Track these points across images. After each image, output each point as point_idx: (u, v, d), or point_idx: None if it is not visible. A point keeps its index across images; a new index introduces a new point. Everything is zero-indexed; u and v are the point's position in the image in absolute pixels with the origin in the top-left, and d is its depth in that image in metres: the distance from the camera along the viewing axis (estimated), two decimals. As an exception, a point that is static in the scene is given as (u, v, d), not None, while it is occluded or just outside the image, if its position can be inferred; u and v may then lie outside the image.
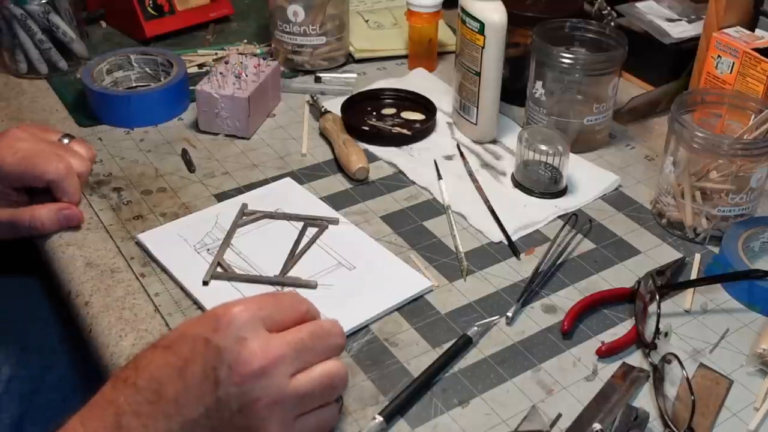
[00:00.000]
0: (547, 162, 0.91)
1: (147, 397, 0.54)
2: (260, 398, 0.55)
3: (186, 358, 0.55)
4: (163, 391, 0.54)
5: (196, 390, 0.54)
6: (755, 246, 0.84)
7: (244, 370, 0.54)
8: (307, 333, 0.58)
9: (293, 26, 1.13)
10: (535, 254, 0.84)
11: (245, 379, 0.54)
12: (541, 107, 1.00)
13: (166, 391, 0.54)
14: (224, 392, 0.54)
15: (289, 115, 1.07)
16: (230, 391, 0.54)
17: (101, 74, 1.07)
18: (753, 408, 0.67)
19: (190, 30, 1.28)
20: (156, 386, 0.55)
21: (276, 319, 0.58)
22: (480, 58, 0.96)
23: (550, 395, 0.68)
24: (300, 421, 0.58)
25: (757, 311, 0.77)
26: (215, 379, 0.54)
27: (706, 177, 0.84)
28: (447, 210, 0.90)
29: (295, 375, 0.57)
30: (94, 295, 0.77)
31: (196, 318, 0.59)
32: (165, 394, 0.54)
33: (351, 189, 0.93)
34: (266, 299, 0.60)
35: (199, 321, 0.58)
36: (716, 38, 0.97)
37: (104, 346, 0.72)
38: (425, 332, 0.74)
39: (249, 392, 0.54)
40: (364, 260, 0.81)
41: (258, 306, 0.58)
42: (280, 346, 0.56)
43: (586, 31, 1.02)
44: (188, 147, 0.99)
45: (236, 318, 0.56)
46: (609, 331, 0.75)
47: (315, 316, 0.62)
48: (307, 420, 0.58)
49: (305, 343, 0.57)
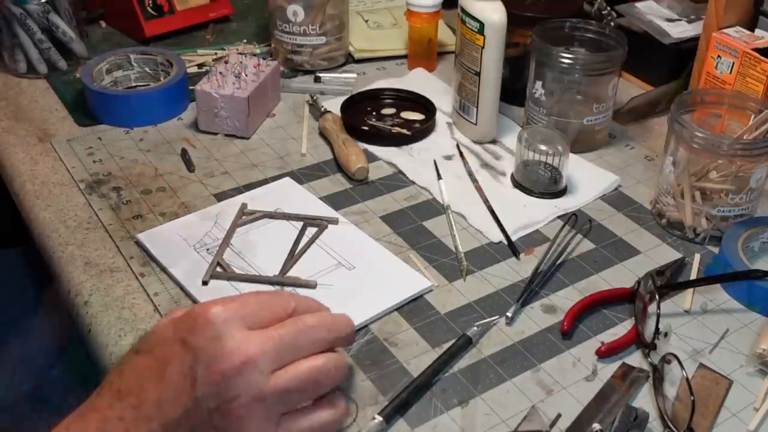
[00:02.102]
0: (546, 162, 0.91)
1: (130, 402, 0.54)
2: (238, 396, 0.54)
3: (165, 360, 0.55)
4: (144, 395, 0.54)
5: (175, 391, 0.54)
6: (755, 246, 0.84)
7: (220, 369, 0.53)
8: (289, 329, 0.57)
9: (293, 26, 1.13)
10: (535, 254, 0.84)
11: (222, 377, 0.53)
12: (540, 107, 1.00)
13: (147, 394, 0.54)
14: (201, 391, 0.53)
15: (288, 115, 1.07)
16: (207, 390, 0.53)
17: (101, 74, 1.07)
18: (753, 408, 0.67)
19: (189, 30, 1.28)
20: (138, 390, 0.54)
21: (259, 317, 0.57)
22: (480, 58, 0.96)
23: (550, 395, 0.68)
24: (288, 421, 0.57)
25: (757, 311, 0.77)
26: (192, 378, 0.54)
27: (706, 177, 0.84)
28: (447, 210, 0.90)
29: (276, 372, 0.56)
30: (94, 294, 0.77)
31: (176, 318, 0.58)
32: (146, 398, 0.54)
33: (350, 189, 0.93)
34: (248, 298, 0.59)
35: (178, 322, 0.57)
36: (716, 38, 0.97)
37: (104, 346, 0.72)
38: (425, 332, 0.74)
39: (226, 391, 0.54)
40: (363, 260, 0.81)
41: (239, 305, 0.57)
42: (259, 343, 0.55)
43: (586, 31, 1.02)
44: (188, 147, 0.99)
45: (214, 317, 0.55)
46: (609, 332, 0.75)
47: (308, 311, 0.60)
48: (297, 422, 0.57)
49: (285, 339, 0.56)
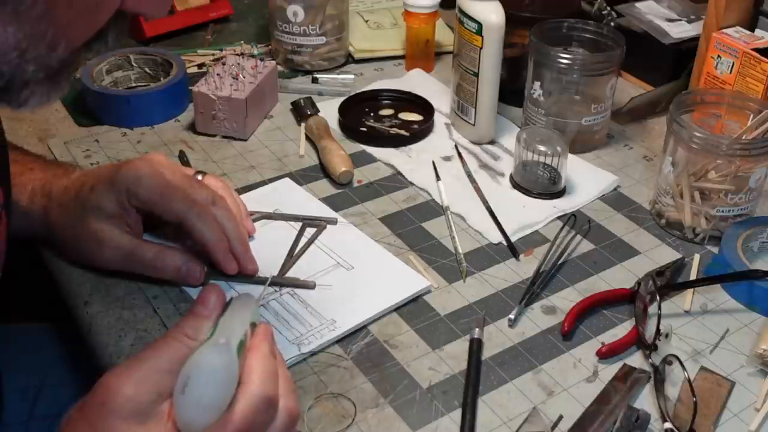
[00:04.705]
0: (545, 162, 0.91)
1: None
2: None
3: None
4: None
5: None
6: (754, 246, 0.84)
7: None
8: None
9: (293, 26, 1.13)
10: (534, 255, 0.84)
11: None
12: (539, 107, 0.99)
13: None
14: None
15: (286, 116, 1.07)
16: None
17: (101, 74, 1.07)
18: (753, 409, 0.67)
19: (189, 30, 1.27)
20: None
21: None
22: (478, 59, 0.96)
23: (551, 397, 0.68)
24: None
25: (757, 311, 0.77)
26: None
27: (705, 177, 0.84)
28: (446, 211, 0.90)
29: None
30: (94, 294, 0.76)
31: (82, 406, 0.52)
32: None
33: (349, 191, 0.93)
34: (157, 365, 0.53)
35: (84, 410, 0.52)
36: (716, 38, 0.97)
37: (104, 346, 0.72)
38: (425, 334, 0.74)
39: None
40: (362, 260, 0.81)
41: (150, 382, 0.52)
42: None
43: (584, 31, 1.02)
44: (185, 149, 0.99)
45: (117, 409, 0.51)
46: (609, 332, 0.75)
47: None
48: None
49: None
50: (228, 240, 0.75)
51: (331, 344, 0.72)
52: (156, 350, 0.53)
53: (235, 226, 0.76)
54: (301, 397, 0.66)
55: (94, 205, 0.73)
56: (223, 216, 0.75)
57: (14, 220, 0.70)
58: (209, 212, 0.74)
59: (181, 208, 0.73)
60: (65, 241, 0.77)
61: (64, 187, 0.76)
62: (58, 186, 0.76)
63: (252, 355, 0.54)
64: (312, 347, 0.70)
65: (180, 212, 0.73)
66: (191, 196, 0.74)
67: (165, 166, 0.76)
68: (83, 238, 0.75)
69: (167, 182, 0.74)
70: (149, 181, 0.73)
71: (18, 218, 0.72)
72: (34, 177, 0.77)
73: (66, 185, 0.76)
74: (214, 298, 0.56)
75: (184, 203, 0.73)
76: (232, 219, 0.76)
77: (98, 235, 0.74)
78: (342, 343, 0.72)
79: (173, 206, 0.73)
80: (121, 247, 0.74)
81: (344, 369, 0.70)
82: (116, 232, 0.74)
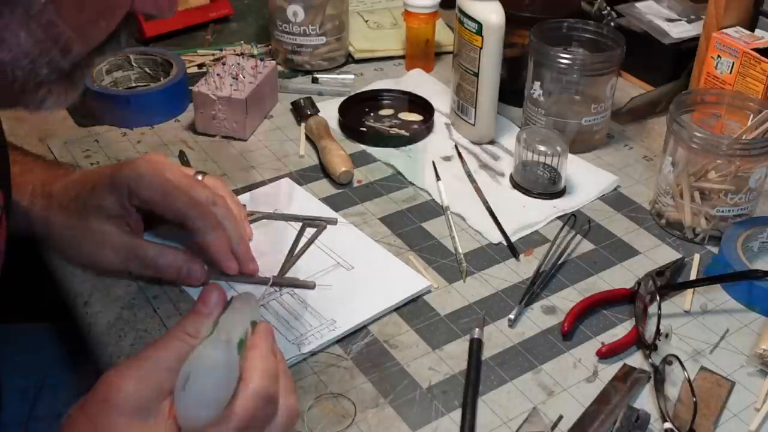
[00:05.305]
0: (545, 162, 0.91)
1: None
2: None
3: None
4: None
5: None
6: (754, 246, 0.84)
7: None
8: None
9: (293, 26, 1.13)
10: (534, 255, 0.84)
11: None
12: (539, 108, 0.99)
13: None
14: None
15: (286, 116, 1.07)
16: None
17: (101, 74, 1.07)
18: (753, 409, 0.67)
19: (189, 30, 1.27)
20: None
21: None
22: (478, 59, 0.96)
23: (551, 397, 0.68)
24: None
25: (757, 311, 0.77)
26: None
27: (705, 177, 0.84)
28: (446, 211, 0.90)
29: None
30: (94, 294, 0.76)
31: (84, 403, 0.52)
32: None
33: (349, 191, 0.93)
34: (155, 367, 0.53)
35: (86, 408, 0.52)
36: (716, 38, 0.97)
37: (104, 346, 0.72)
38: (425, 334, 0.74)
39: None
40: (362, 260, 0.81)
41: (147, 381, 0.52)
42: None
43: (584, 31, 1.02)
44: (185, 149, 0.99)
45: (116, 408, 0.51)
46: (609, 332, 0.75)
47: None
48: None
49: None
50: (228, 240, 0.75)
51: (331, 344, 0.72)
52: (157, 348, 0.53)
53: (235, 226, 0.76)
54: (301, 397, 0.66)
55: (95, 204, 0.73)
56: (223, 216, 0.75)
57: (14, 220, 0.70)
58: (210, 212, 0.74)
59: (182, 207, 0.73)
60: (65, 242, 0.77)
61: (65, 187, 0.76)
62: (58, 186, 0.76)
63: (252, 353, 0.54)
64: (312, 347, 0.70)
65: (181, 212, 0.73)
66: (192, 196, 0.74)
67: (165, 166, 0.76)
68: (84, 238, 0.75)
69: (168, 182, 0.74)
70: (150, 181, 0.73)
71: (18, 218, 0.72)
72: (34, 177, 0.77)
73: (66, 185, 0.76)
74: (215, 297, 0.56)
75: (186, 203, 0.73)
76: (232, 219, 0.76)
77: (99, 235, 0.74)
78: (342, 343, 0.72)
79: (174, 206, 0.73)
80: (121, 246, 0.74)
81: (344, 369, 0.70)
82: (117, 232, 0.74)
